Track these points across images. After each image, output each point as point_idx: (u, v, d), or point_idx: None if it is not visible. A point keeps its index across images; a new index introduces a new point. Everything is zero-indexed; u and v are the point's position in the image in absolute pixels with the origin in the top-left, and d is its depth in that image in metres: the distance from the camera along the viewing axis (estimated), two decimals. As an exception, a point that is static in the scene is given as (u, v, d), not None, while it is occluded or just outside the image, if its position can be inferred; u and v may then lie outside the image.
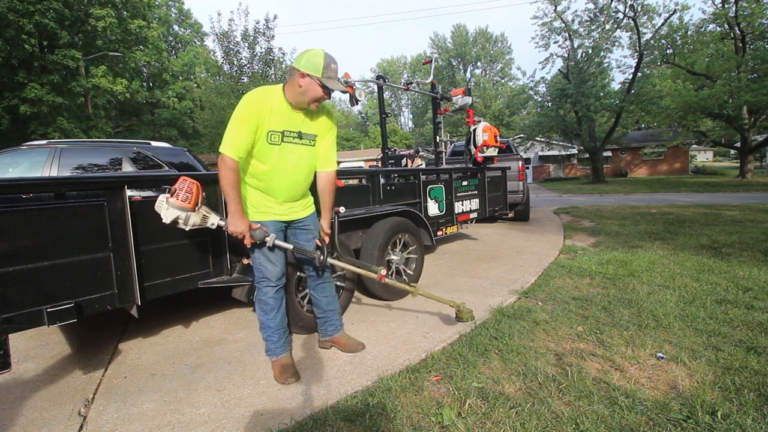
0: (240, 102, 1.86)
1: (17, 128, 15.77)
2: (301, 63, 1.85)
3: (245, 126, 1.82)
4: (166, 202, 1.86)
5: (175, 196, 1.85)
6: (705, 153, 48.92)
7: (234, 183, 1.84)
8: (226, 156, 1.82)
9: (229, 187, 1.83)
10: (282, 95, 1.92)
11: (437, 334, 2.50)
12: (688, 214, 7.39)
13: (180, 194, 1.85)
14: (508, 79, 43.68)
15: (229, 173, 1.82)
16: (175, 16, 31.84)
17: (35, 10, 14.08)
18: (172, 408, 1.84)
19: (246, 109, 1.83)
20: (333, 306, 2.35)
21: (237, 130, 1.82)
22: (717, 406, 1.61)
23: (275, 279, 2.06)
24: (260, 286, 2.08)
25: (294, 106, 1.94)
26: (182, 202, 1.84)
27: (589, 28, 20.70)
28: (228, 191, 1.84)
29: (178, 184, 1.88)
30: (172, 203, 1.84)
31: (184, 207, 1.85)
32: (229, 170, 1.82)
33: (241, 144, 1.82)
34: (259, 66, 18.12)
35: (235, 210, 1.86)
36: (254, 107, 1.84)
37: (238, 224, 1.88)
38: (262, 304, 2.09)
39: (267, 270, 2.04)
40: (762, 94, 14.90)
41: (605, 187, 17.12)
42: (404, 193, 3.82)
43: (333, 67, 1.87)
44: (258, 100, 1.85)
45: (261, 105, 1.85)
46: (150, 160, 4.80)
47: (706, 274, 3.47)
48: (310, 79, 1.84)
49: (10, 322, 1.64)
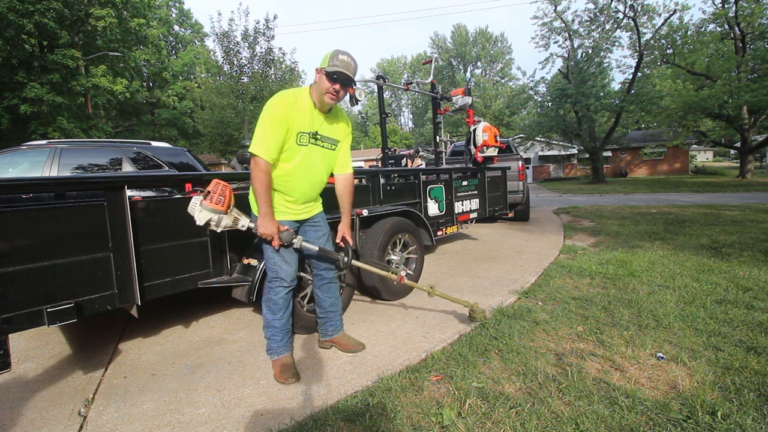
0: (270, 103, 1.87)
1: (17, 128, 15.76)
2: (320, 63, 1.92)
3: (278, 127, 1.84)
4: (199, 205, 1.89)
5: (209, 198, 1.88)
6: (705, 153, 48.91)
7: (267, 185, 1.86)
8: (260, 158, 1.83)
9: (261, 189, 1.85)
10: (309, 97, 1.96)
11: (437, 334, 2.50)
12: (688, 214, 7.39)
13: (214, 197, 1.88)
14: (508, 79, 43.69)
15: (263, 176, 1.84)
16: (175, 17, 31.84)
17: (35, 10, 14.05)
18: (172, 408, 1.84)
19: (279, 111, 1.84)
20: (336, 307, 2.36)
21: (270, 132, 1.83)
22: (717, 406, 1.61)
23: (289, 279, 2.08)
24: (272, 285, 2.08)
25: (319, 108, 1.98)
26: (216, 205, 1.88)
27: (589, 28, 20.69)
28: (260, 193, 1.86)
29: (212, 187, 1.90)
30: (206, 206, 1.87)
31: (218, 210, 1.88)
32: (262, 173, 1.84)
33: (274, 146, 1.84)
34: (259, 66, 18.12)
35: (266, 212, 1.89)
36: (287, 109, 1.86)
37: (269, 226, 1.90)
38: (271, 303, 2.09)
39: (282, 270, 2.05)
40: (762, 94, 14.90)
41: (605, 187, 17.12)
42: (404, 193, 3.82)
43: (341, 57, 1.89)
44: (290, 102, 1.88)
45: (293, 106, 1.88)
46: (150, 160, 4.80)
47: (706, 274, 3.47)
48: (319, 73, 1.90)
49: (10, 322, 1.64)
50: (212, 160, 22.22)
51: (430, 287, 2.52)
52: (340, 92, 1.93)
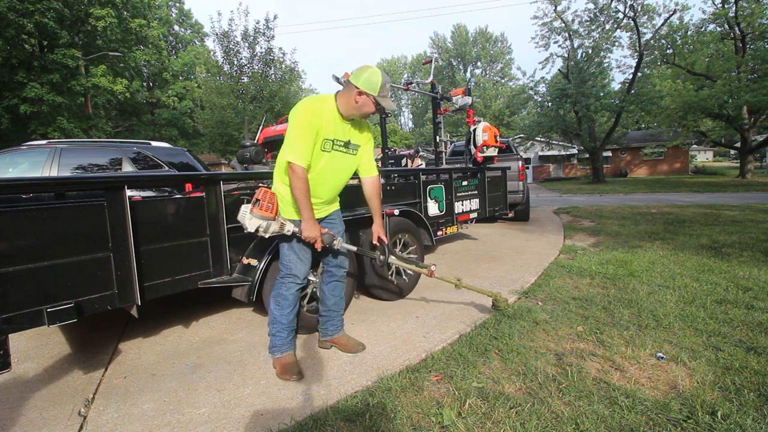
0: (298, 111, 1.91)
1: (17, 128, 15.76)
2: (359, 81, 1.92)
3: (309, 134, 1.89)
4: (249, 213, 1.94)
5: (258, 206, 1.93)
6: (705, 153, 48.91)
7: (306, 192, 1.91)
8: (297, 165, 1.88)
9: (302, 195, 1.90)
10: (334, 105, 2.00)
11: (437, 334, 2.50)
12: (688, 214, 7.39)
13: (263, 204, 1.93)
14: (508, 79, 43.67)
15: (301, 183, 1.89)
16: (175, 17, 31.83)
17: (35, 10, 14.06)
18: (172, 408, 1.84)
19: (307, 118, 1.89)
20: (338, 307, 2.37)
21: (302, 139, 1.89)
22: (717, 406, 1.61)
23: (302, 277, 2.13)
24: (285, 281, 2.12)
25: (344, 117, 2.02)
26: (266, 212, 1.93)
27: (589, 28, 20.69)
28: (301, 199, 1.91)
29: (260, 195, 1.95)
30: (256, 213, 1.92)
31: (267, 216, 1.93)
32: (300, 180, 1.89)
33: (307, 152, 1.90)
34: (259, 66, 18.12)
35: (309, 217, 1.95)
36: (315, 116, 1.91)
37: (312, 230, 1.97)
38: (281, 298, 2.11)
39: (296, 267, 2.10)
40: (762, 94, 14.90)
41: (605, 187, 17.12)
42: (404, 193, 3.82)
43: (387, 86, 1.97)
44: (317, 109, 1.93)
45: (319, 114, 1.92)
46: (150, 160, 4.80)
47: (706, 274, 3.47)
48: (366, 97, 1.94)
49: (10, 322, 1.64)
50: (212, 160, 22.22)
51: (458, 279, 2.60)
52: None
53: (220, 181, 2.39)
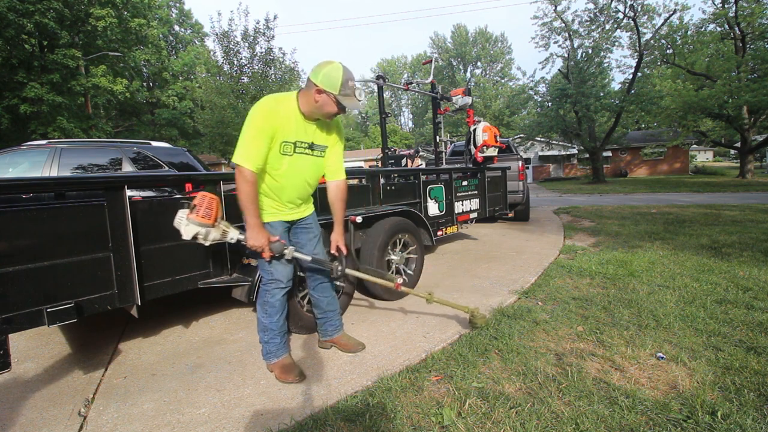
0: (254, 111, 1.80)
1: (17, 128, 15.76)
2: (318, 77, 1.79)
3: (262, 136, 1.78)
4: (186, 219, 1.84)
5: (195, 212, 1.83)
6: (705, 153, 48.91)
7: (253, 197, 1.80)
8: (245, 169, 1.76)
9: (247, 201, 1.79)
10: (296, 105, 1.88)
11: (437, 334, 2.50)
12: (688, 214, 7.39)
13: (200, 210, 1.83)
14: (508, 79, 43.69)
15: (248, 187, 1.78)
16: (175, 17, 31.83)
17: (35, 10, 14.05)
18: (172, 408, 1.84)
19: (262, 119, 1.78)
20: (333, 306, 2.34)
21: (254, 141, 1.77)
22: (717, 406, 1.61)
23: (286, 280, 2.04)
24: (269, 287, 2.04)
25: (306, 117, 1.90)
26: (203, 219, 1.82)
27: (589, 28, 20.69)
28: (246, 205, 1.80)
29: (198, 200, 1.85)
30: (193, 219, 1.82)
31: (204, 223, 1.83)
32: (247, 184, 1.78)
33: (258, 156, 1.79)
34: (259, 66, 18.12)
35: (254, 223, 1.83)
36: (270, 117, 1.79)
37: (258, 238, 1.85)
38: (268, 306, 2.05)
39: (278, 271, 2.01)
40: (762, 94, 14.90)
41: (605, 187, 17.12)
42: (404, 193, 3.82)
43: (351, 84, 1.82)
44: (272, 111, 1.81)
45: (275, 115, 1.81)
46: (150, 160, 4.81)
47: (706, 274, 3.47)
48: (326, 96, 1.81)
49: (10, 322, 1.64)
50: (212, 160, 22.23)
51: (429, 294, 2.45)
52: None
53: (220, 181, 2.39)
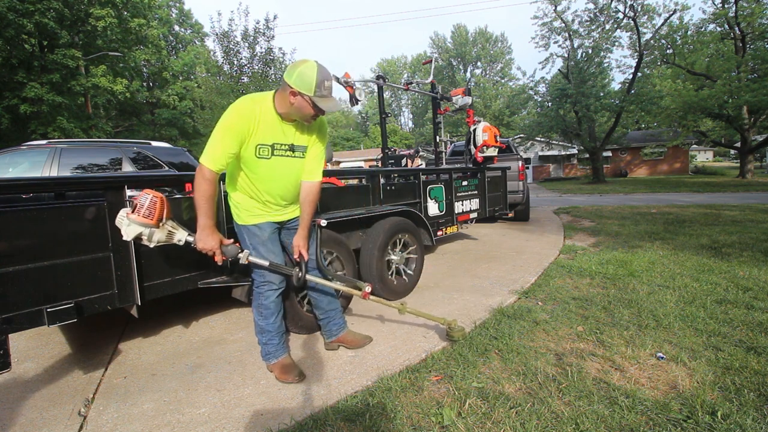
0: (227, 112, 1.74)
1: (17, 128, 15.75)
2: (292, 78, 1.70)
3: (230, 138, 1.72)
4: (126, 218, 1.74)
5: (136, 211, 1.73)
6: (705, 153, 48.91)
7: (208, 196, 1.73)
8: (205, 167, 1.71)
9: (202, 199, 1.73)
10: (272, 106, 1.81)
11: (437, 334, 2.50)
12: (688, 214, 7.39)
13: (142, 210, 1.72)
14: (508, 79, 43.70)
15: (205, 185, 1.72)
16: (175, 17, 31.83)
17: (35, 10, 14.05)
18: (172, 408, 1.84)
19: (233, 121, 1.72)
20: (334, 305, 2.32)
21: (221, 142, 1.72)
22: (717, 406, 1.61)
23: (278, 281, 2.03)
24: (262, 290, 2.02)
25: (284, 118, 1.84)
26: (144, 218, 1.72)
27: (589, 28, 20.70)
28: (200, 203, 1.73)
29: (140, 199, 1.74)
30: (134, 219, 1.72)
31: (147, 223, 1.73)
32: (205, 182, 1.72)
33: (223, 156, 1.73)
34: (259, 66, 18.13)
35: (205, 224, 1.75)
36: (242, 119, 1.73)
37: (208, 240, 1.77)
38: (262, 308, 2.04)
39: (269, 273, 1.99)
40: (762, 94, 14.90)
41: (605, 187, 17.12)
42: (404, 193, 3.82)
43: (327, 84, 1.73)
44: (246, 112, 1.74)
45: (249, 117, 1.74)
46: (150, 160, 4.81)
47: (706, 274, 3.47)
48: (301, 98, 1.72)
49: (10, 322, 1.64)
50: (212, 160, 22.16)
51: (401, 304, 2.29)
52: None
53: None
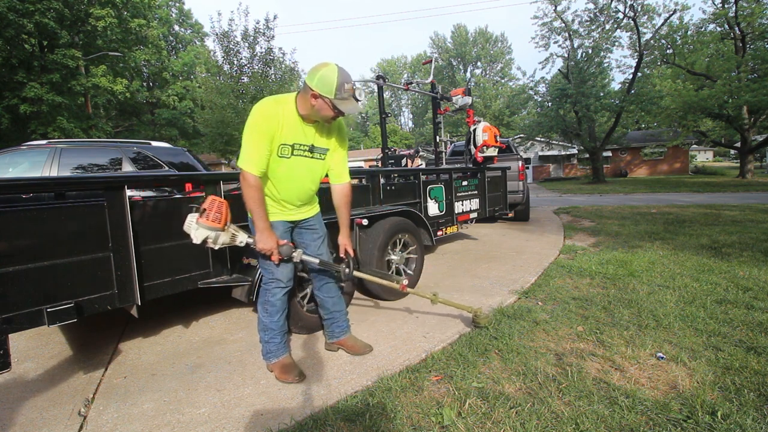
0: (252, 115, 1.80)
1: (17, 128, 15.75)
2: (313, 81, 1.76)
3: (262, 140, 1.79)
4: (195, 223, 1.84)
5: (204, 216, 1.83)
6: (705, 153, 48.90)
7: (260, 200, 1.81)
8: (248, 174, 1.78)
9: (255, 204, 1.80)
10: (294, 107, 1.86)
11: (437, 334, 2.50)
12: (688, 214, 7.39)
13: (210, 214, 1.83)
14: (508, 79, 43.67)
15: (254, 192, 1.79)
16: (175, 17, 31.83)
17: (35, 10, 14.05)
18: (172, 408, 1.84)
19: (260, 123, 1.79)
20: (339, 306, 2.32)
21: (256, 146, 1.78)
22: (717, 406, 1.61)
23: (286, 280, 2.05)
24: (269, 287, 2.04)
25: (305, 119, 1.89)
26: (213, 222, 1.83)
27: (589, 28, 20.68)
28: (254, 209, 1.81)
29: (208, 204, 1.85)
30: (203, 224, 1.83)
31: (215, 227, 1.84)
32: (253, 188, 1.79)
33: (261, 159, 1.80)
34: (259, 66, 18.12)
35: (263, 227, 1.84)
36: (267, 120, 1.79)
37: (268, 241, 1.86)
38: (268, 305, 2.05)
39: (279, 271, 2.02)
40: (762, 94, 14.89)
41: (605, 187, 17.11)
42: (404, 193, 3.82)
43: (347, 87, 1.78)
44: (270, 113, 1.81)
45: (273, 117, 1.80)
46: (150, 160, 4.80)
47: (706, 274, 3.47)
48: (322, 101, 1.78)
49: (10, 322, 1.64)
50: (212, 160, 22.22)
51: (434, 294, 2.47)
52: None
53: (220, 181, 2.39)
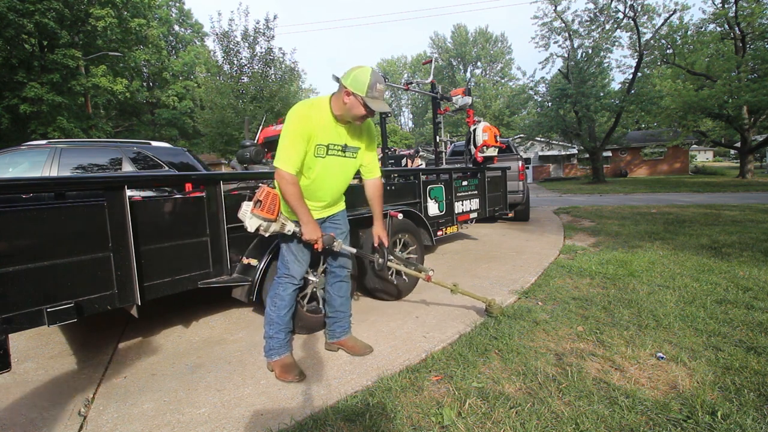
0: (288, 119, 1.89)
1: (17, 128, 15.76)
2: (348, 80, 1.87)
3: (299, 141, 1.87)
4: (250, 212, 1.93)
5: (260, 208, 1.92)
6: (705, 153, 48.90)
7: (298, 196, 1.91)
8: (285, 172, 1.86)
9: (295, 200, 1.90)
10: (328, 108, 1.95)
11: (437, 334, 2.50)
12: (688, 214, 7.39)
13: (265, 206, 1.92)
14: (508, 79, 43.63)
15: (292, 188, 1.89)
16: (175, 16, 31.83)
17: (35, 10, 14.06)
18: (172, 408, 1.84)
19: (296, 124, 1.87)
20: (345, 307, 2.34)
21: (292, 146, 1.86)
22: (717, 406, 1.61)
23: (299, 277, 2.13)
24: (282, 281, 2.11)
25: (338, 119, 1.97)
26: (267, 214, 1.92)
27: (589, 28, 20.68)
28: (296, 205, 1.91)
29: (263, 196, 1.93)
30: (258, 214, 1.92)
31: (269, 218, 1.93)
32: (291, 186, 1.88)
33: (297, 158, 1.88)
34: (259, 66, 18.11)
35: (308, 220, 1.95)
36: (306, 121, 1.88)
37: (313, 232, 1.96)
38: (278, 299, 2.10)
39: (293, 267, 2.09)
40: (762, 94, 14.90)
41: (605, 187, 17.12)
42: (404, 193, 3.82)
43: (379, 87, 1.89)
44: (308, 114, 1.89)
45: (308, 119, 1.89)
46: (150, 160, 4.80)
47: (706, 274, 3.47)
48: (354, 98, 1.87)
49: (10, 322, 1.64)
50: (212, 160, 22.20)
51: (454, 285, 2.63)
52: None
53: (220, 181, 2.39)
